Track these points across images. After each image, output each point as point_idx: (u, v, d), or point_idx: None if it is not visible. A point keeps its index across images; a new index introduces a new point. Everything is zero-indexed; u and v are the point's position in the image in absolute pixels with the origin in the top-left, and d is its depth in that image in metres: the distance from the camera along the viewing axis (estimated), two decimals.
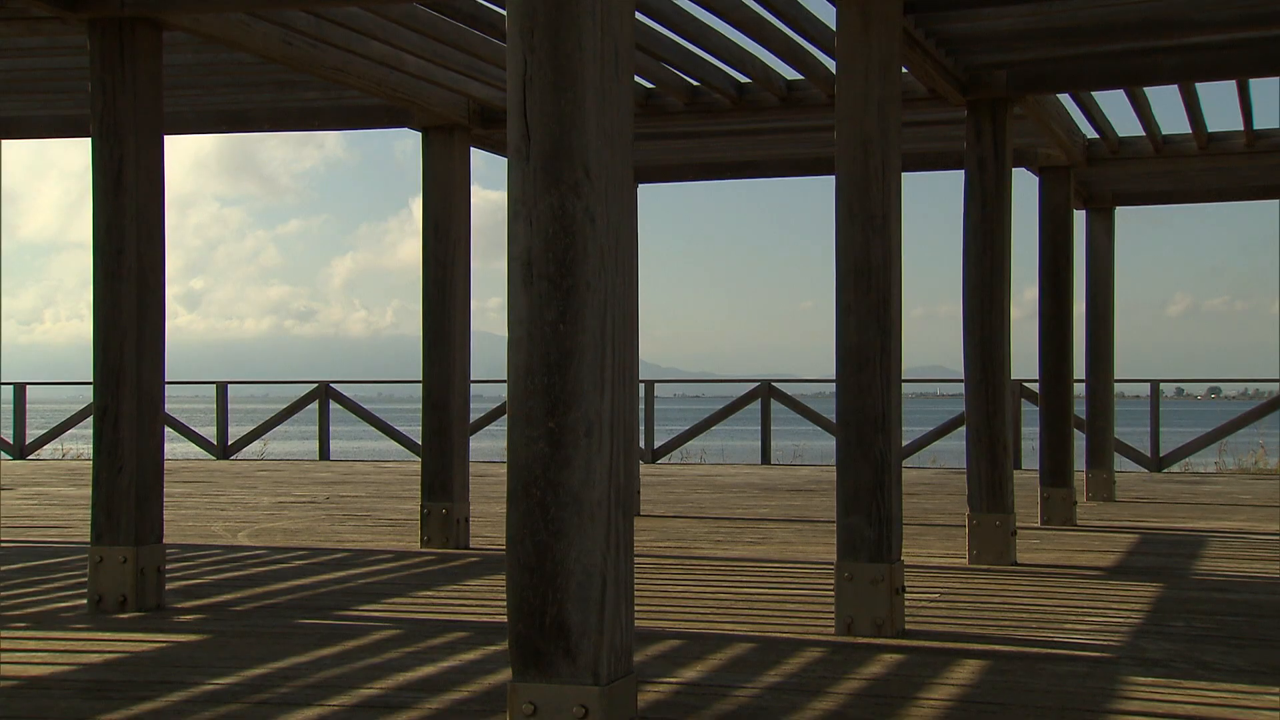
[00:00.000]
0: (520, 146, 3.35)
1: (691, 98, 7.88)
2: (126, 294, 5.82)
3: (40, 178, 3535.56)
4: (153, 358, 5.90)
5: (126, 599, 5.72)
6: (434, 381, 8.12)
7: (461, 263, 8.12)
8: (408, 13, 6.34)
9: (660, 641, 5.03)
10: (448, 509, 8.07)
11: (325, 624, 5.52)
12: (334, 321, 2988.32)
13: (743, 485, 12.69)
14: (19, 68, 7.22)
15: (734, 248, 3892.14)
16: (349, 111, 8.16)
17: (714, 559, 7.58)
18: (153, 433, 5.90)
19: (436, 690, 4.29)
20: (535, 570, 3.34)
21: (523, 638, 3.33)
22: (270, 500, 11.16)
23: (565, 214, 3.33)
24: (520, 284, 3.38)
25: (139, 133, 5.80)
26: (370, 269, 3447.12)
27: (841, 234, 5.36)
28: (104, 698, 4.19)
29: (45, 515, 9.99)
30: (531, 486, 3.36)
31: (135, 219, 5.82)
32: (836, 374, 5.35)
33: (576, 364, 3.34)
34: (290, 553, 7.89)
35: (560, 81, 3.30)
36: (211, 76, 7.44)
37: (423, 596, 6.31)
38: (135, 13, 5.68)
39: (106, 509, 5.80)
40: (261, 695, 4.22)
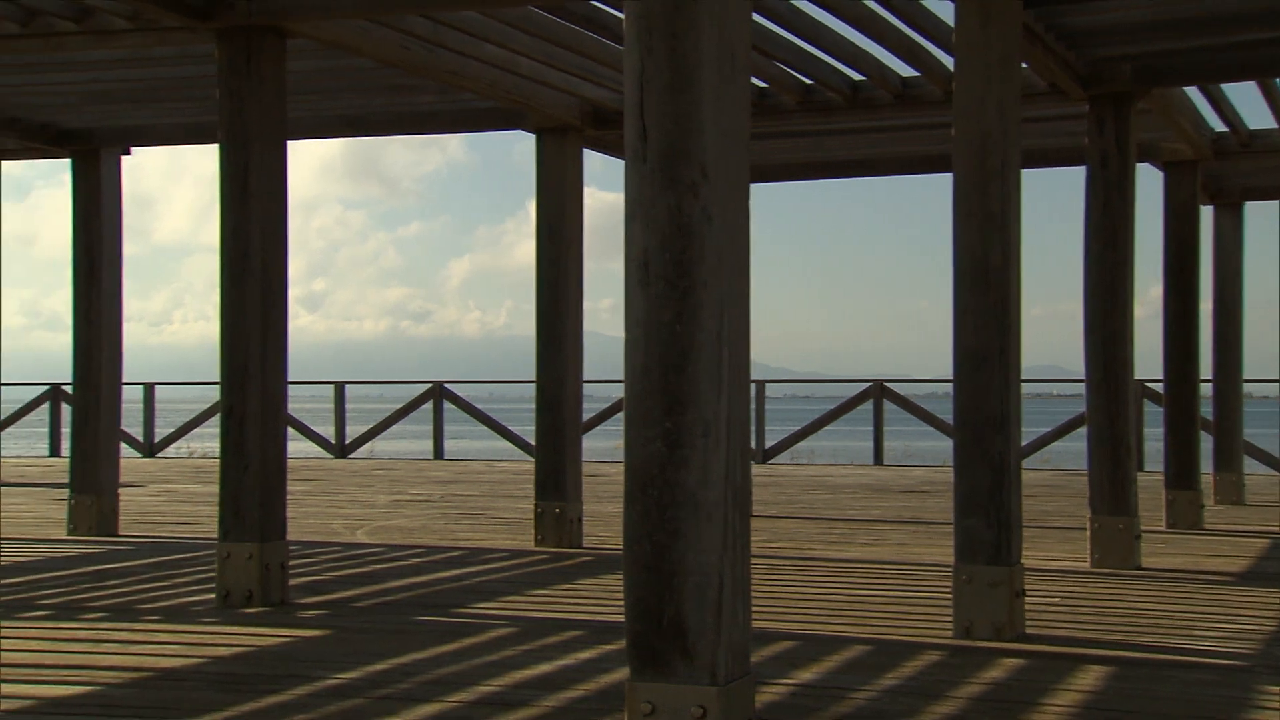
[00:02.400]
0: (637, 147, 3.36)
1: (805, 96, 7.83)
2: (251, 296, 5.97)
3: (173, 183, 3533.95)
4: (276, 359, 6.04)
5: (252, 594, 5.86)
6: (547, 381, 8.18)
7: (574, 264, 8.17)
8: (522, 15, 6.40)
9: (775, 643, 5.00)
10: (561, 508, 8.12)
11: (443, 621, 5.59)
12: (449, 322, 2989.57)
13: (855, 486, 12.57)
14: (153, 77, 7.44)
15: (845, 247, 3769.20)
16: (465, 114, 8.27)
17: (828, 560, 7.52)
18: (276, 432, 6.04)
19: (554, 688, 4.32)
20: (652, 570, 3.34)
21: (640, 637, 3.33)
22: (387, 498, 11.35)
23: (682, 214, 3.33)
24: (637, 284, 3.38)
25: (263, 138, 5.94)
26: (486, 270, 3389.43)
27: (959, 233, 5.29)
28: (233, 690, 4.30)
29: (173, 511, 10.28)
30: (649, 486, 3.36)
31: (259, 223, 5.97)
32: (954, 374, 5.27)
33: (693, 364, 3.34)
34: (407, 550, 8.01)
35: (677, 82, 3.30)
36: (331, 82, 7.59)
37: (538, 595, 6.36)
38: (261, 21, 5.82)
39: (233, 506, 5.95)
40: (383, 690, 4.30)
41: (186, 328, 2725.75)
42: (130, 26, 6.14)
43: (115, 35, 6.19)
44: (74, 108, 8.22)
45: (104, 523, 8.74)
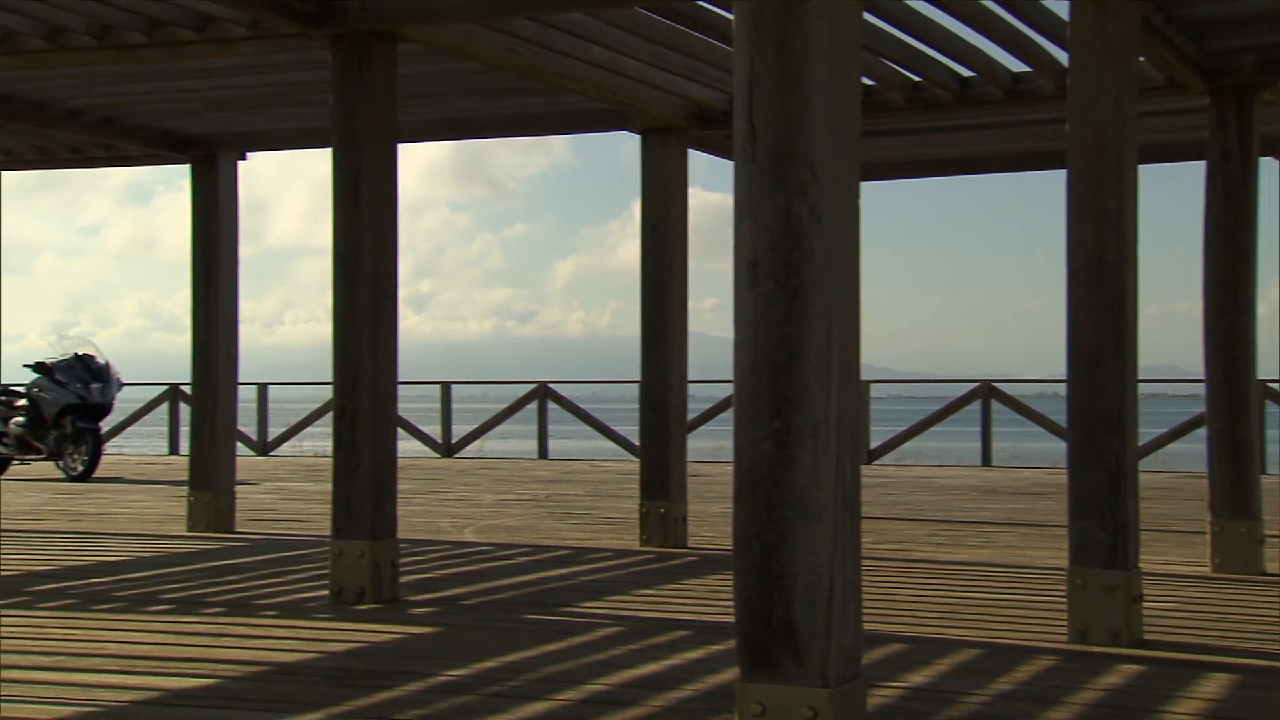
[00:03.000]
0: (746, 147, 3.35)
1: (912, 93, 7.74)
2: (362, 298, 6.07)
3: (286, 187, 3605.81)
4: (387, 359, 6.14)
5: (364, 591, 5.96)
6: (652, 381, 8.20)
7: (679, 264, 8.18)
8: (629, 17, 6.42)
9: (884, 645, 4.95)
10: (666, 508, 8.14)
11: (551, 620, 5.64)
12: (553, 322, 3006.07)
13: (963, 487, 12.40)
14: (268, 83, 7.62)
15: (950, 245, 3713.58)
16: (570, 116, 8.32)
17: (936, 562, 7.43)
18: (387, 432, 6.14)
19: (661, 688, 4.33)
20: (762, 570, 3.33)
21: (750, 638, 3.32)
22: (493, 498, 11.47)
23: (791, 214, 3.32)
24: (746, 284, 3.38)
25: (375, 142, 6.04)
26: (590, 271, 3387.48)
27: (1073, 230, 5.18)
28: (348, 685, 4.38)
29: (286, 509, 10.50)
30: (758, 486, 3.35)
31: (371, 226, 6.07)
32: (1068, 374, 5.17)
33: (802, 364, 3.33)
34: (514, 549, 8.09)
35: (787, 81, 3.29)
36: (440, 86, 7.69)
37: (644, 594, 6.38)
38: (373, 27, 5.92)
39: (345, 505, 6.05)
40: (493, 688, 4.34)
41: (297, 329, 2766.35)
42: (248, 34, 6.29)
43: (234, 43, 6.34)
44: (194, 114, 8.45)
45: (221, 520, 8.96)
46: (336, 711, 4.00)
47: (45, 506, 10.71)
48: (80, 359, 13.86)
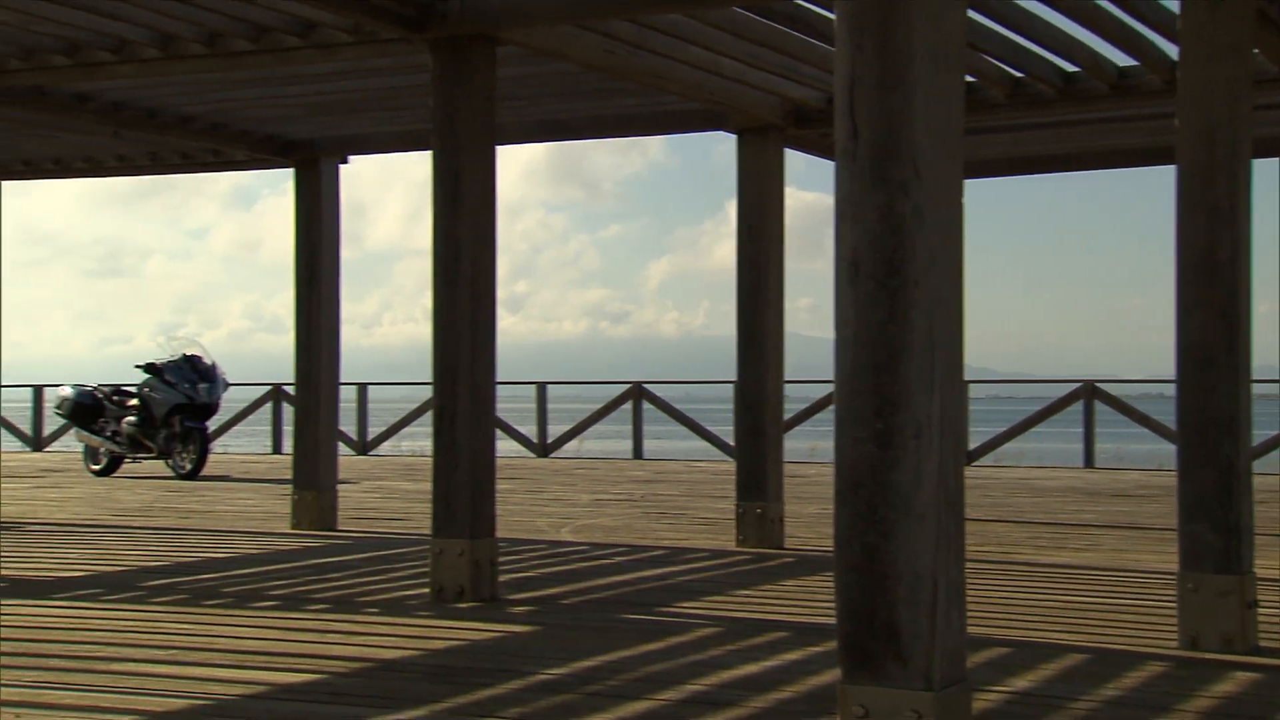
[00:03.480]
0: (848, 146, 3.33)
1: (1013, 90, 7.62)
2: (461, 299, 6.14)
3: (386, 190, 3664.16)
4: (485, 359, 6.19)
5: (464, 589, 6.03)
6: (748, 382, 8.18)
7: (775, 263, 8.15)
8: (726, 17, 6.41)
9: (987, 648, 4.88)
10: (762, 509, 8.11)
11: (648, 619, 5.65)
12: (647, 323, 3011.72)
13: (1065, 489, 12.18)
14: (368, 87, 7.74)
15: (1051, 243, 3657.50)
16: (666, 116, 8.33)
17: (1038, 565, 7.30)
18: (485, 431, 6.19)
19: (761, 689, 4.32)
20: (864, 572, 3.30)
21: (852, 640, 3.30)
22: (589, 497, 11.52)
23: (893, 213, 3.29)
24: (847, 284, 3.35)
25: (474, 144, 6.10)
26: (684, 271, 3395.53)
27: (1183, 227, 5.07)
28: (449, 682, 4.43)
29: (386, 508, 10.66)
30: (859, 487, 3.33)
31: (470, 227, 6.13)
32: (1177, 374, 5.06)
33: (905, 364, 3.30)
34: (611, 549, 8.12)
35: (889, 79, 3.26)
36: (537, 87, 7.75)
37: (741, 595, 6.36)
38: (473, 30, 5.98)
39: (445, 503, 6.12)
40: (592, 687, 4.36)
41: (395, 329, 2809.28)
42: (351, 40, 6.39)
43: (337, 48, 6.45)
44: (297, 119, 8.61)
45: (324, 518, 9.12)
46: (439, 708, 4.05)
47: (156, 504, 10.99)
48: (188, 360, 14.20)
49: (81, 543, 8.41)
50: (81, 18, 6.30)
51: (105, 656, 4.79)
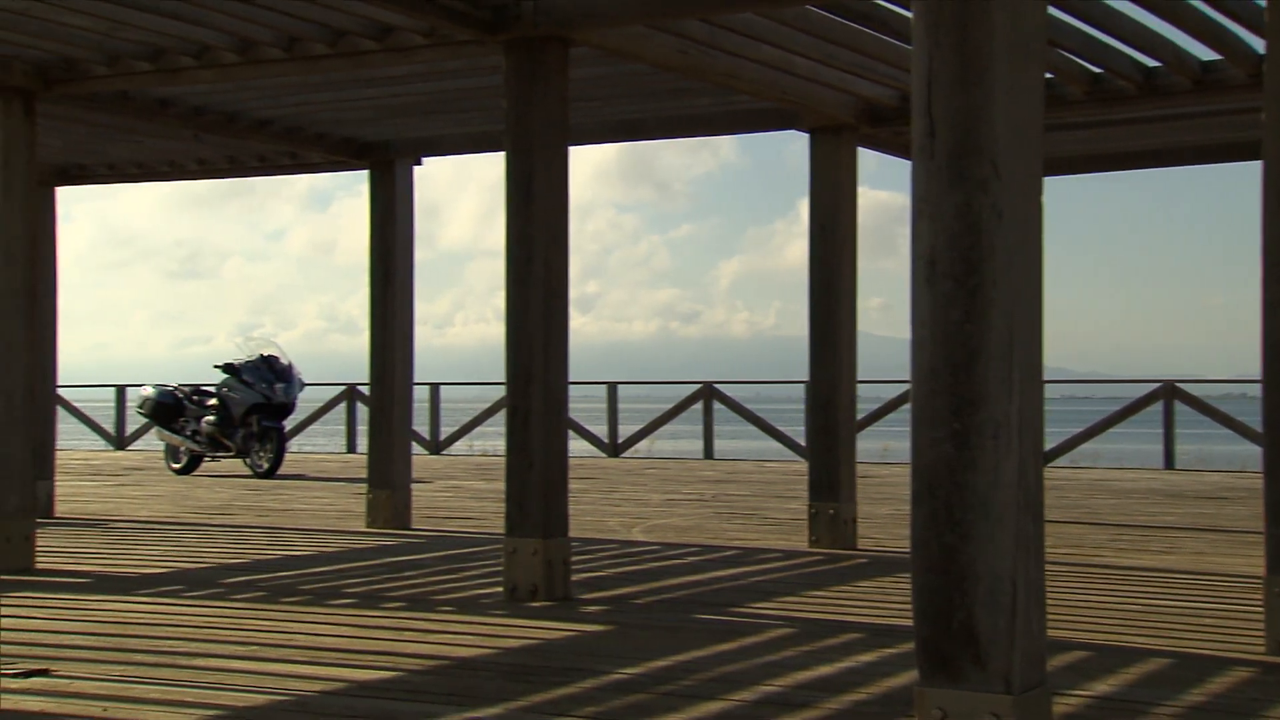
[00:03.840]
0: (925, 144, 3.30)
1: (1092, 86, 7.51)
2: (534, 299, 6.17)
3: (459, 191, 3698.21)
4: (558, 359, 6.22)
5: (537, 589, 6.05)
6: (820, 382, 8.14)
7: (848, 263, 8.11)
8: (799, 15, 6.38)
9: (1066, 652, 4.82)
10: (835, 509, 8.07)
11: (721, 619, 5.64)
12: (717, 323, 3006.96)
13: (1144, 491, 11.98)
14: (442, 89, 7.81)
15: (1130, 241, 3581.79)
16: (738, 116, 8.31)
17: (1117, 568, 7.19)
18: (558, 431, 6.22)
19: (835, 690, 4.30)
20: (941, 573, 3.27)
21: (929, 642, 3.27)
22: (660, 497, 11.53)
23: (971, 211, 3.26)
24: (924, 283, 3.33)
25: (547, 145, 6.13)
26: (755, 271, 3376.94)
27: (1269, 224, 4.95)
28: (525, 680, 4.46)
29: (460, 507, 10.74)
30: (936, 488, 3.30)
31: (543, 228, 6.16)
32: (1263, 373, 4.94)
33: (982, 364, 3.26)
34: (682, 549, 8.12)
35: (967, 76, 3.22)
36: (610, 88, 7.76)
37: (814, 596, 6.33)
38: (547, 32, 6.01)
39: (518, 503, 6.15)
40: (666, 686, 4.36)
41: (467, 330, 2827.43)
42: (426, 42, 6.45)
43: (413, 51, 6.51)
44: (373, 121, 8.70)
45: (398, 516, 9.21)
46: (515, 706, 4.08)
47: (234, 502, 11.16)
48: (265, 360, 14.41)
49: (163, 540, 8.56)
50: (164, 24, 6.42)
51: (188, 652, 4.87)
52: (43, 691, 4.22)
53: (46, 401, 9.69)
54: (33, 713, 3.98)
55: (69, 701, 4.10)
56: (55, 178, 10.30)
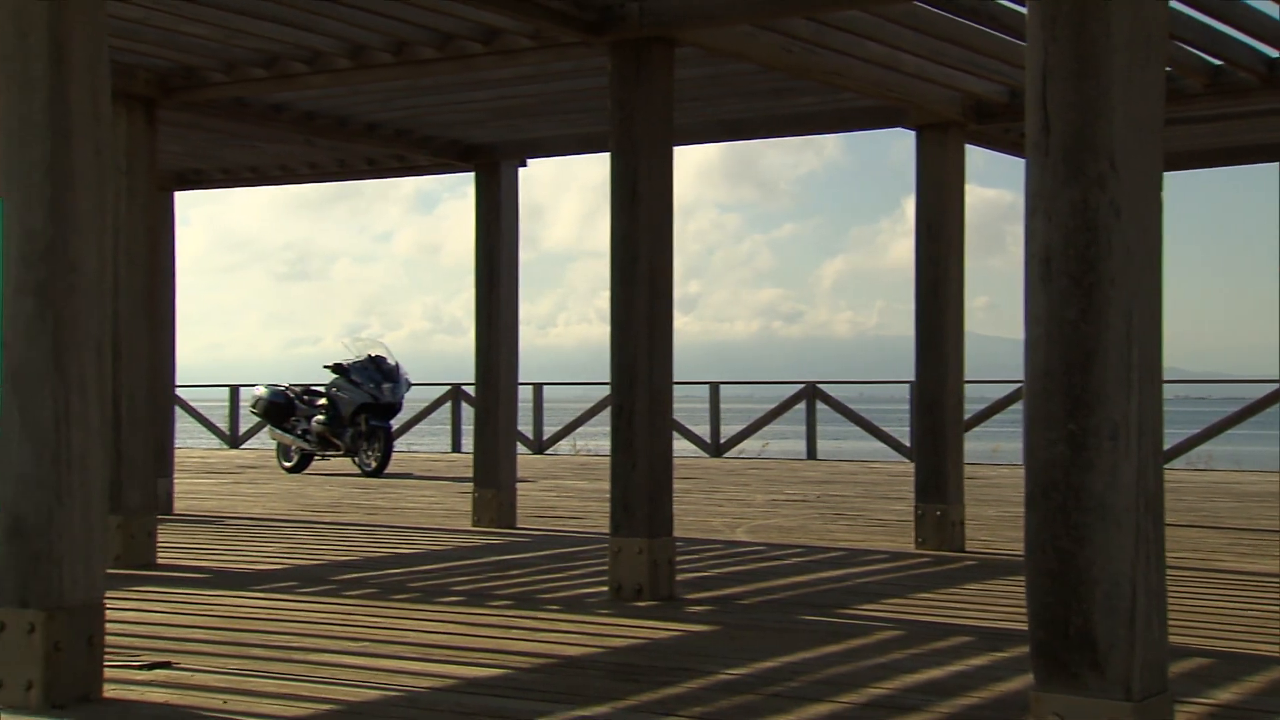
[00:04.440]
0: (1039, 139, 3.24)
1: (1212, 78, 7.31)
2: (639, 299, 6.18)
3: (562, 191, 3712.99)
4: (662, 359, 6.22)
5: (642, 588, 6.07)
6: (927, 382, 8.04)
7: (955, 262, 8.00)
8: (907, 12, 6.31)
9: (1187, 659, 4.70)
10: (942, 511, 7.96)
11: (827, 621, 5.60)
12: (820, 322, 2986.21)
13: (1265, 494, 11.63)
14: (548, 91, 7.86)
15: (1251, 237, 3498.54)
16: (843, 114, 8.25)
17: (1240, 573, 6.99)
18: (663, 430, 6.22)
19: (945, 694, 4.24)
20: (1057, 577, 3.21)
21: (1045, 646, 3.21)
22: (763, 498, 11.48)
23: (1088, 208, 3.19)
24: (1038, 281, 3.27)
25: (652, 146, 6.14)
26: (859, 270, 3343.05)
27: None
28: (631, 680, 4.47)
29: (563, 506, 10.81)
30: (1051, 490, 3.24)
31: (647, 228, 6.17)
32: None
33: (1100, 364, 3.20)
34: (787, 549, 8.08)
35: (1085, 70, 3.16)
36: (714, 88, 7.75)
37: (922, 598, 6.25)
38: (652, 33, 6.02)
39: (623, 502, 6.17)
40: (773, 688, 4.34)
41: (569, 330, 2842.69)
42: (532, 45, 6.50)
43: (519, 54, 6.57)
44: (479, 124, 8.80)
45: (503, 515, 9.29)
46: (622, 705, 4.09)
47: (344, 500, 11.37)
48: (373, 360, 14.65)
49: (277, 536, 8.75)
50: (279, 31, 6.56)
51: (302, 647, 4.97)
52: (165, 683, 4.34)
53: (166, 401, 9.95)
54: (156, 703, 4.09)
55: (190, 693, 4.21)
56: (173, 183, 10.58)
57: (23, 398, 4.09)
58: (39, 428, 4.06)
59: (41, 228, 4.10)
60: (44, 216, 4.09)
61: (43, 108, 4.08)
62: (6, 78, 4.13)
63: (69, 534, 4.06)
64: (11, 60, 4.11)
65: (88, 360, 4.14)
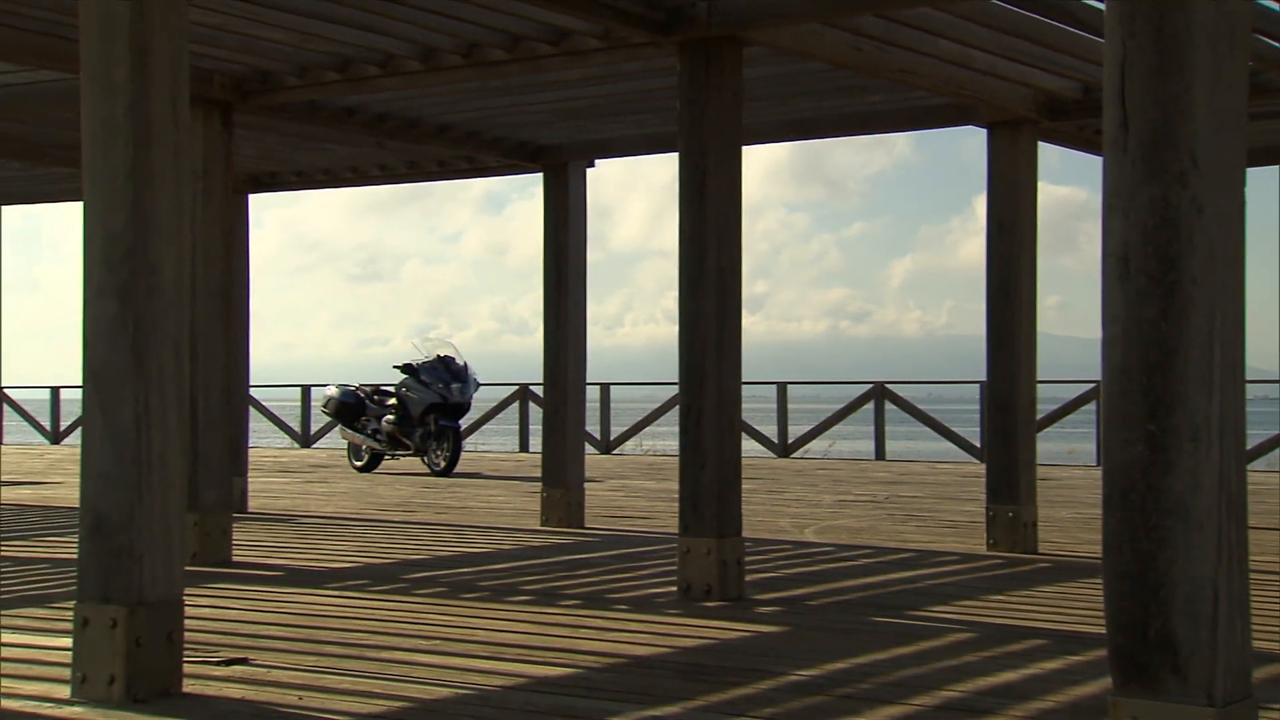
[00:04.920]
0: (1117, 136, 3.20)
1: None
2: (707, 299, 6.17)
3: (629, 191, 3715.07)
4: (731, 359, 6.21)
5: (711, 588, 6.06)
6: (999, 381, 7.96)
7: (1027, 261, 7.91)
8: (978, 8, 6.25)
9: (1271, 664, 4.60)
10: (1014, 512, 7.87)
11: (898, 623, 5.56)
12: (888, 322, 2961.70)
13: None
14: (615, 92, 7.88)
15: None
16: (912, 112, 8.19)
17: None
18: (731, 430, 6.21)
19: (1020, 697, 4.19)
20: (1136, 580, 3.16)
21: (1123, 650, 3.17)
22: (831, 498, 11.42)
23: (1168, 205, 3.14)
24: (1116, 280, 3.22)
25: (720, 146, 6.13)
26: (928, 269, 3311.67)
27: None
28: (701, 680, 4.46)
29: (631, 506, 10.82)
30: (1130, 492, 3.19)
31: (715, 228, 6.16)
32: None
33: (1180, 364, 3.15)
34: (856, 550, 8.03)
35: (1165, 65, 3.11)
36: (782, 87, 7.73)
37: (994, 600, 6.19)
38: (721, 32, 6.01)
39: (692, 502, 6.17)
40: (844, 689, 4.32)
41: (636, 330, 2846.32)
42: (601, 45, 6.52)
43: (588, 54, 6.59)
44: (547, 125, 8.84)
45: (571, 515, 9.32)
46: (692, 706, 4.09)
47: (414, 499, 11.47)
48: (442, 360, 14.77)
49: (348, 535, 8.85)
50: (352, 34, 6.64)
51: (374, 644, 5.02)
52: (242, 679, 4.40)
53: (240, 400, 10.10)
54: (234, 699, 4.15)
55: (266, 689, 4.27)
56: (248, 185, 10.74)
57: (104, 398, 4.17)
58: (120, 427, 4.13)
59: (122, 230, 4.18)
60: (125, 219, 4.17)
61: (125, 112, 4.16)
62: (90, 82, 4.21)
63: (149, 531, 4.13)
64: (95, 66, 4.20)
65: (167, 361, 4.22)
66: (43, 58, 6.58)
